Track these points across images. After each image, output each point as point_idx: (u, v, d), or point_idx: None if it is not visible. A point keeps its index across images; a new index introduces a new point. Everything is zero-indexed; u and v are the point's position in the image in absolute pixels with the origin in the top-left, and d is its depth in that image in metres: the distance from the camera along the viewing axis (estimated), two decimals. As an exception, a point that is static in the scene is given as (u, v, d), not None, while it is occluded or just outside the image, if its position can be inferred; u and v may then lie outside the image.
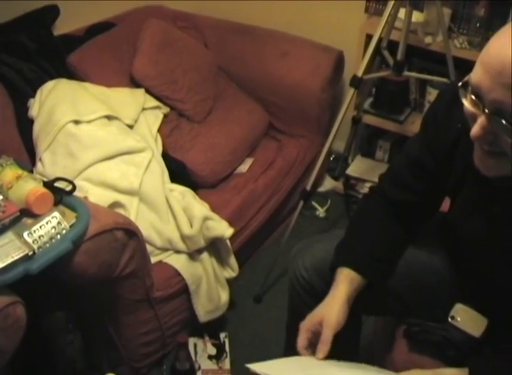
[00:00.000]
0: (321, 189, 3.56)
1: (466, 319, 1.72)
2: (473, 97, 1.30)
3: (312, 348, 1.65)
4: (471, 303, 1.74)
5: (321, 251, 1.87)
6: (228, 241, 2.49)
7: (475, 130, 1.30)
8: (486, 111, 1.27)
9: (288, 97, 3.14)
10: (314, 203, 3.45)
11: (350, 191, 3.48)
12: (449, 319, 1.74)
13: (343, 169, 3.53)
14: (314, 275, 1.86)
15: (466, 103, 1.34)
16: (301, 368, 1.62)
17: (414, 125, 3.26)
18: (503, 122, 1.25)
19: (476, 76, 1.28)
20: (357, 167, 3.55)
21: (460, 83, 1.35)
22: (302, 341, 1.65)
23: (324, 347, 1.62)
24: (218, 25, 3.37)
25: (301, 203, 2.80)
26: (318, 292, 1.82)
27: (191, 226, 2.38)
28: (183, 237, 2.37)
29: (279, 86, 3.15)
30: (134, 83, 2.96)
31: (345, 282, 1.71)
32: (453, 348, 1.75)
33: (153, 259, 2.34)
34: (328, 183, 3.58)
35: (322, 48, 3.17)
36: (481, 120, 1.28)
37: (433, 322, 1.80)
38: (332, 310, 1.67)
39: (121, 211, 2.31)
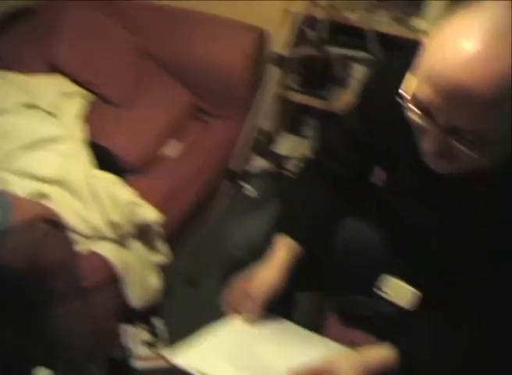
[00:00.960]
0: (251, 169, 3.54)
1: (396, 291, 1.74)
2: (419, 111, 1.25)
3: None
4: (401, 276, 1.75)
5: (253, 230, 1.88)
6: (157, 226, 2.47)
7: (429, 146, 1.26)
8: (440, 127, 1.22)
9: (212, 78, 3.14)
10: (244, 183, 3.44)
11: (278, 168, 3.49)
12: (378, 291, 1.75)
13: (270, 148, 3.53)
14: (248, 254, 1.84)
15: (413, 117, 1.28)
16: (229, 351, 1.63)
17: (339, 101, 3.27)
18: (461, 138, 1.20)
19: (424, 94, 1.21)
20: (284, 144, 3.57)
21: (397, 95, 1.29)
22: (233, 298, 1.70)
23: (254, 306, 1.66)
24: (141, 8, 3.31)
25: (228, 183, 2.79)
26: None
27: (117, 212, 2.35)
28: (110, 224, 2.35)
29: (203, 67, 3.13)
30: (54, 70, 2.92)
31: (282, 249, 1.72)
32: (384, 320, 1.79)
33: (80, 248, 2.30)
34: (257, 163, 3.57)
35: (245, 28, 3.17)
36: (434, 136, 1.24)
37: (365, 297, 1.82)
38: (266, 272, 1.70)
39: (44, 201, 2.26)
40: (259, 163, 3.58)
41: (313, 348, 1.65)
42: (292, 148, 3.55)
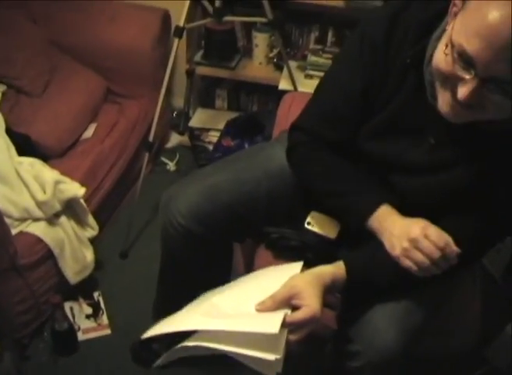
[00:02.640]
0: (169, 145, 3.69)
1: (320, 223, 1.87)
2: (460, 61, 1.31)
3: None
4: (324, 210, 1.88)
5: (193, 196, 1.93)
6: (83, 201, 2.57)
7: (465, 94, 1.31)
8: (479, 77, 1.29)
9: (121, 60, 3.20)
10: (163, 159, 3.58)
11: (195, 141, 3.62)
12: (306, 225, 1.88)
13: (186, 123, 3.60)
14: (191, 220, 1.92)
15: (457, 69, 1.32)
16: (193, 309, 1.66)
17: (245, 70, 3.45)
18: (497, 88, 1.28)
19: (473, 48, 1.26)
20: (199, 119, 3.71)
21: (444, 48, 1.35)
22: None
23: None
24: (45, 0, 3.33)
25: (147, 155, 2.91)
26: (196, 235, 1.94)
27: (44, 192, 2.42)
28: (39, 204, 2.42)
29: (111, 51, 3.19)
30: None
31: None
32: (310, 250, 1.89)
33: (13, 231, 2.38)
34: (175, 139, 3.70)
35: (148, 9, 3.25)
36: (471, 85, 1.30)
37: (293, 229, 1.95)
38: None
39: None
40: (177, 139, 3.70)
41: (267, 281, 1.68)
42: (207, 120, 3.67)
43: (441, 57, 1.37)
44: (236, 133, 3.40)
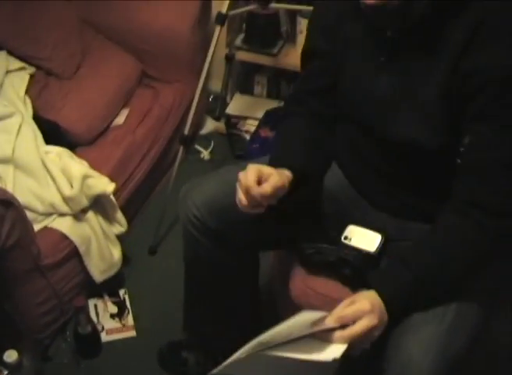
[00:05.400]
0: (204, 131, 3.54)
1: (359, 237, 1.81)
2: None
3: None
4: (362, 224, 1.81)
5: (210, 189, 1.89)
6: (112, 197, 2.45)
7: None
8: None
9: (158, 43, 3.07)
10: (197, 146, 3.43)
11: (231, 129, 3.47)
12: (343, 240, 1.81)
13: (223, 109, 3.53)
14: (206, 213, 1.86)
15: None
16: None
17: (288, 57, 3.28)
18: None
19: None
20: (236, 105, 3.57)
21: None
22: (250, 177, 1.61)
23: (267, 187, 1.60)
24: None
25: (181, 148, 2.80)
26: (213, 230, 1.87)
27: (71, 186, 2.32)
28: (65, 199, 2.32)
29: (147, 32, 3.05)
30: (-5, 47, 2.84)
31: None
32: (348, 266, 1.81)
33: (37, 226, 2.29)
34: (210, 125, 3.56)
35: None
36: None
37: (328, 244, 1.86)
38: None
39: (-4, 182, 2.24)
40: (212, 125, 3.57)
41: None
42: (245, 108, 3.54)
43: None
44: (276, 123, 3.25)
